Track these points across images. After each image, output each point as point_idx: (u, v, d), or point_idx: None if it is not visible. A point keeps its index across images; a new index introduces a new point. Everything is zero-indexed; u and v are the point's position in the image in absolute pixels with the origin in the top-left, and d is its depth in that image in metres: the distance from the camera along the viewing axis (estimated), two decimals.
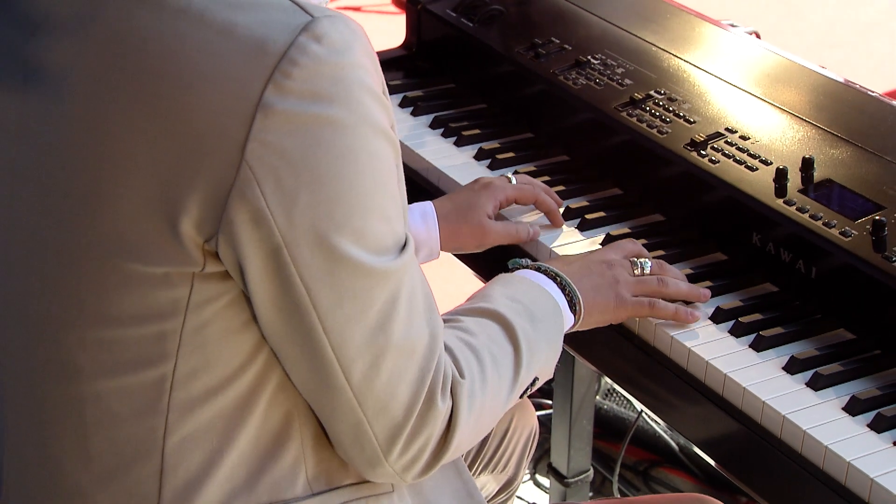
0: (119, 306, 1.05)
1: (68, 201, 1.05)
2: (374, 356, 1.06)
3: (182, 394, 1.07)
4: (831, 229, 1.44)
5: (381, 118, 1.04)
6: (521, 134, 1.85)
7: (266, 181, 0.99)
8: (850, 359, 1.38)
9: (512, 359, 1.21)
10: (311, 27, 1.00)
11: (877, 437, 1.28)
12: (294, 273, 1.03)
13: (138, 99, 1.00)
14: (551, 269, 1.35)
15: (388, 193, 1.06)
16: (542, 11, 2.00)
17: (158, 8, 1.01)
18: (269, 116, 0.99)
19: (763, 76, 1.77)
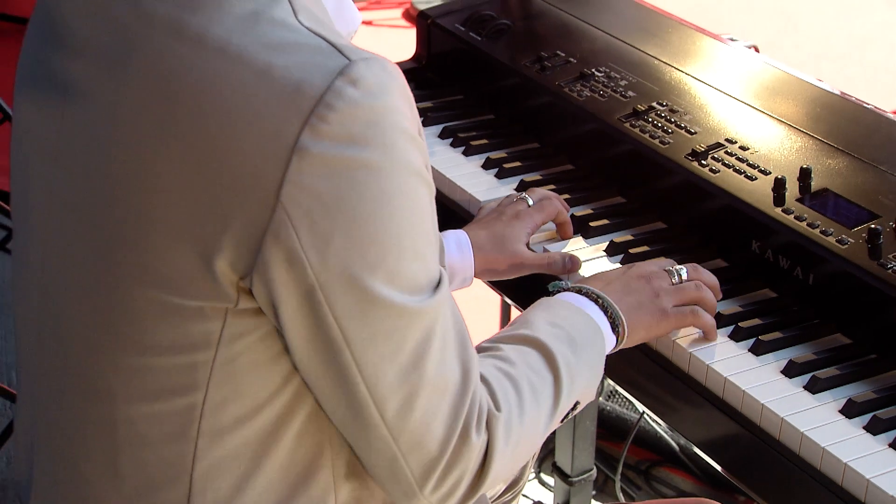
0: (153, 336, 1.04)
1: (105, 230, 1.04)
2: (408, 393, 1.05)
3: (211, 421, 1.06)
4: (828, 237, 1.44)
5: (416, 159, 1.03)
6: (527, 144, 1.85)
7: (301, 223, 0.98)
8: (847, 363, 1.38)
9: (552, 388, 1.19)
10: (348, 71, 0.98)
11: (872, 439, 1.28)
12: (328, 313, 1.01)
13: (176, 136, 0.99)
14: (593, 292, 1.32)
15: (422, 233, 1.04)
16: (548, 26, 2.00)
17: (198, 46, 1.00)
18: (305, 159, 0.97)
19: (762, 89, 1.76)
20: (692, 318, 1.38)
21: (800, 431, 1.29)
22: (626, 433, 2.18)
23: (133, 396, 1.07)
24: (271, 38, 1.00)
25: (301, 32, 1.01)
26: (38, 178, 1.12)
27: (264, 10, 1.01)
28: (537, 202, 1.59)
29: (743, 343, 1.41)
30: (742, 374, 1.37)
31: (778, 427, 1.31)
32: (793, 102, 1.72)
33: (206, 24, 1.01)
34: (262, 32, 1.00)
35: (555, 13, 2.02)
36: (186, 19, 1.01)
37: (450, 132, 1.88)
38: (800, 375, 1.36)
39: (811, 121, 1.66)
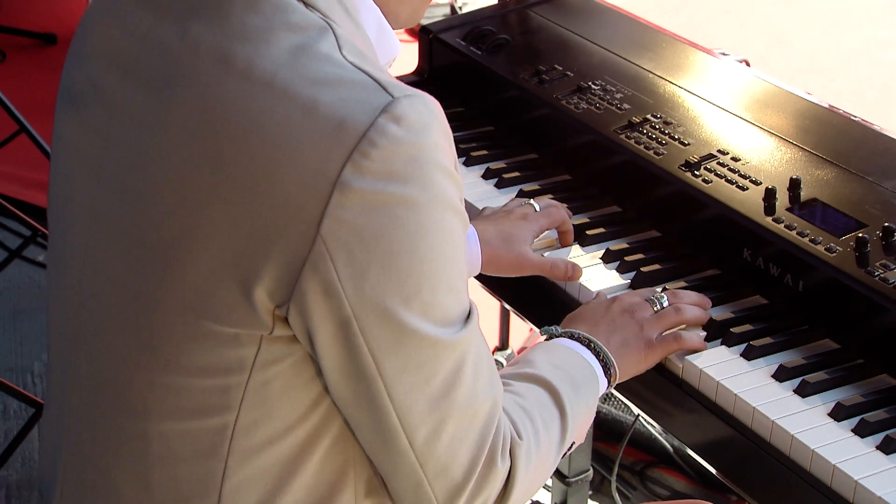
0: (189, 357, 1.04)
1: (147, 251, 1.04)
2: (438, 421, 1.04)
3: (242, 441, 1.06)
4: (817, 245, 1.44)
5: (453, 194, 1.02)
6: (525, 154, 1.84)
7: (339, 256, 0.97)
8: (835, 367, 1.37)
9: (559, 423, 1.19)
10: (391, 108, 0.97)
11: (860, 442, 1.28)
12: (362, 343, 1.00)
13: (221, 168, 0.99)
14: (585, 337, 1.31)
15: (456, 267, 1.03)
16: (546, 40, 2.00)
17: (245, 79, 0.99)
18: (346, 194, 0.96)
19: (753, 101, 1.76)
20: (676, 345, 1.38)
21: (790, 434, 1.28)
22: (621, 435, 2.18)
23: (166, 413, 1.06)
24: (317, 73, 0.98)
25: (346, 67, 0.99)
26: (81, 194, 1.11)
27: (310, 44, 1.00)
28: (544, 208, 1.59)
29: (735, 348, 1.41)
30: (734, 379, 1.36)
31: (769, 430, 1.31)
32: (783, 115, 1.72)
33: (253, 57, 1.00)
34: (308, 67, 0.99)
35: (552, 28, 2.02)
36: (234, 50, 1.00)
37: None
38: (790, 380, 1.36)
39: (800, 133, 1.66)
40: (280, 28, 1.01)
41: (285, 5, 1.02)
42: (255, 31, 1.01)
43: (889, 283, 1.37)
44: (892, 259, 1.41)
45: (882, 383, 1.36)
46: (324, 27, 1.02)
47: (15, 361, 2.86)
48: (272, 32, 1.01)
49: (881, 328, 1.37)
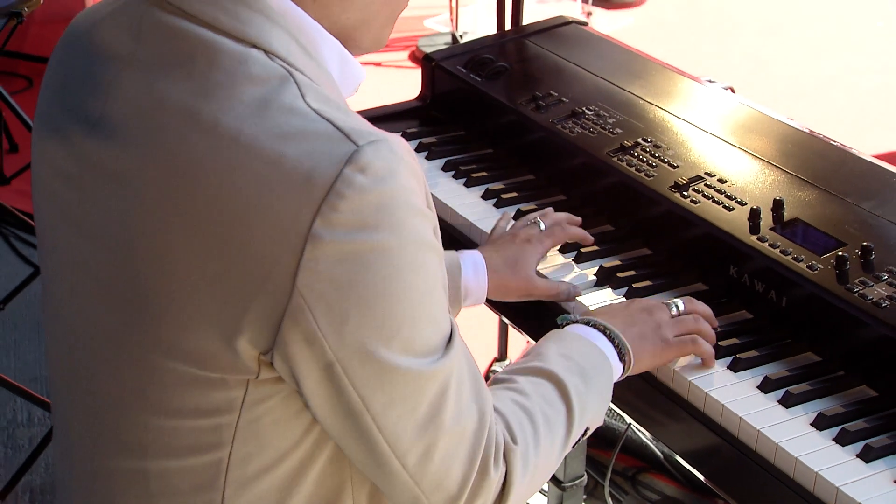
0: (179, 401, 1.02)
1: (129, 303, 1.01)
2: (428, 444, 1.02)
3: (237, 473, 1.04)
4: (800, 263, 1.43)
5: (425, 232, 0.99)
6: (523, 176, 1.84)
7: (317, 306, 0.95)
8: (818, 379, 1.37)
9: (565, 417, 1.17)
10: (356, 158, 0.94)
11: (841, 450, 1.27)
12: (347, 384, 0.98)
13: (194, 224, 0.96)
14: (600, 323, 1.30)
15: (434, 300, 1.01)
16: (542, 68, 2.00)
17: (212, 135, 0.96)
18: (318, 247, 0.93)
19: (738, 126, 1.76)
20: (692, 347, 1.36)
21: (774, 443, 1.28)
22: (614, 442, 2.17)
23: (162, 453, 1.05)
24: (281, 127, 0.95)
25: (309, 117, 0.96)
26: (64, 244, 1.08)
27: (273, 97, 0.96)
28: (548, 227, 1.57)
29: (722, 360, 1.40)
30: (721, 390, 1.36)
31: (754, 439, 1.30)
32: (766, 139, 1.71)
33: (218, 113, 0.96)
34: (272, 120, 0.95)
35: (548, 57, 2.02)
36: (199, 107, 0.97)
37: (452, 165, 1.87)
38: (774, 391, 1.35)
39: (783, 156, 1.66)
40: (242, 82, 0.97)
41: (245, 57, 0.98)
42: (218, 87, 0.97)
43: (868, 299, 1.37)
44: (871, 276, 1.40)
45: (862, 394, 1.35)
46: (285, 76, 0.98)
47: (39, 371, 2.86)
48: (235, 87, 0.97)
49: (860, 342, 1.37)
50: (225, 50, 0.98)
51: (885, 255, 1.43)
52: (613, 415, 2.33)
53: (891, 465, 1.25)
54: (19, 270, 3.19)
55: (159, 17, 1.01)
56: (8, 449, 2.62)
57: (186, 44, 0.99)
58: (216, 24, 0.99)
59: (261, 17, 1.00)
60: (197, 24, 0.99)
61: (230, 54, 0.98)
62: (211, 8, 1.00)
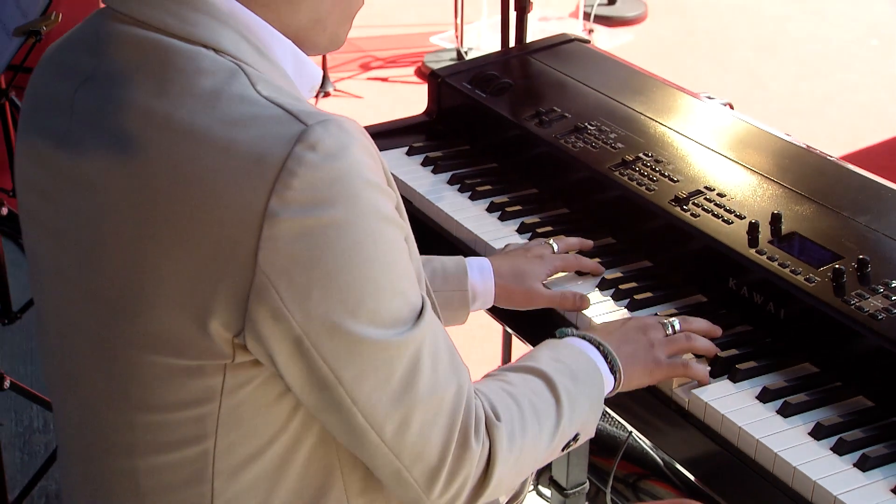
0: (160, 395, 1.02)
1: (106, 303, 1.03)
2: (403, 415, 1.02)
3: (224, 463, 1.04)
4: (797, 276, 1.43)
5: (383, 205, 1.00)
6: (527, 190, 1.84)
7: (280, 282, 0.96)
8: (815, 389, 1.36)
9: (554, 409, 1.17)
10: (305, 136, 0.95)
11: (839, 459, 1.26)
12: (317, 357, 0.99)
13: (158, 217, 0.97)
14: (595, 338, 1.30)
15: (398, 271, 1.01)
16: (546, 84, 1.99)
17: (166, 130, 0.98)
18: (276, 225, 0.94)
19: (736, 142, 1.76)
20: (683, 370, 1.36)
21: (773, 452, 1.27)
22: (616, 449, 2.16)
23: (150, 449, 1.05)
24: (231, 115, 0.96)
25: (259, 103, 0.97)
26: (46, 255, 1.10)
27: (223, 87, 0.98)
28: (561, 250, 1.57)
29: (721, 371, 1.39)
30: (721, 400, 1.35)
31: (754, 448, 1.29)
32: (764, 154, 1.71)
33: (171, 109, 0.98)
34: (223, 110, 0.97)
35: (552, 73, 2.01)
36: (154, 105, 0.99)
37: (458, 179, 1.87)
38: (773, 401, 1.34)
39: (780, 171, 1.65)
40: (192, 77, 0.99)
41: (195, 54, 1.00)
42: (170, 84, 0.99)
43: (864, 311, 1.36)
44: (867, 289, 1.39)
45: (858, 404, 1.34)
46: (234, 69, 1.00)
47: None
48: (186, 83, 0.98)
49: (857, 353, 1.36)
50: (175, 50, 1.00)
51: (880, 269, 1.42)
52: (615, 423, 2.33)
53: (887, 475, 1.24)
54: None
55: (113, 28, 1.04)
56: (24, 455, 2.62)
57: (141, 50, 1.01)
58: (166, 28, 1.01)
59: (207, 17, 1.02)
60: (148, 30, 1.02)
61: (181, 54, 1.00)
62: (159, 12, 1.02)
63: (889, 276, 1.41)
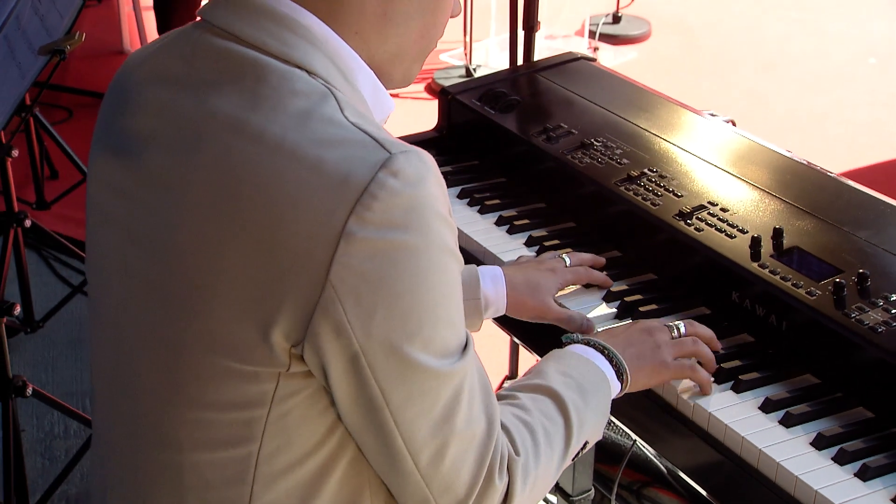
0: (214, 394, 1.02)
1: (174, 300, 1.03)
2: (440, 444, 1.03)
3: (266, 468, 1.04)
4: (799, 289, 1.42)
5: (448, 238, 1.01)
6: (534, 204, 1.83)
7: (347, 299, 0.96)
8: (816, 400, 1.35)
9: (563, 431, 1.17)
10: (389, 163, 0.97)
11: (840, 469, 1.25)
12: (370, 376, 0.99)
13: (239, 223, 0.98)
14: (599, 343, 1.30)
15: (453, 303, 1.02)
16: (553, 101, 1.99)
17: (258, 142, 0.98)
18: (351, 243, 0.95)
19: (739, 158, 1.75)
20: (689, 372, 1.35)
21: (775, 461, 1.26)
22: (620, 457, 2.15)
23: (197, 445, 1.05)
24: (321, 135, 0.98)
25: (347, 128, 0.99)
26: (114, 251, 1.10)
27: (315, 109, 1.00)
28: (574, 264, 1.56)
29: (725, 382, 1.38)
30: (724, 410, 1.34)
31: (756, 457, 1.28)
32: (766, 170, 1.70)
33: (264, 123, 0.99)
34: (313, 129, 0.98)
35: (559, 90, 2.01)
36: (247, 118, 1.00)
37: (467, 193, 1.87)
38: (775, 411, 1.33)
39: (782, 186, 1.65)
40: (287, 95, 1.00)
41: (290, 75, 1.02)
42: (265, 100, 1.00)
43: (864, 324, 1.35)
44: (867, 302, 1.39)
45: (859, 415, 1.33)
46: (325, 93, 1.01)
47: (75, 386, 2.86)
48: (280, 100, 1.00)
49: (857, 365, 1.35)
50: (272, 68, 1.02)
51: (880, 282, 1.41)
52: (620, 431, 2.31)
53: (887, 484, 1.24)
54: (57, 290, 3.19)
55: (211, 41, 1.05)
56: (45, 460, 2.61)
57: (236, 63, 1.03)
58: (264, 46, 1.03)
59: (304, 42, 1.04)
60: (246, 47, 1.03)
61: (276, 72, 1.02)
62: (259, 32, 1.03)
63: (888, 289, 1.40)
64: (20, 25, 2.21)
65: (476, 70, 4.67)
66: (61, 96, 4.24)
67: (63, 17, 2.12)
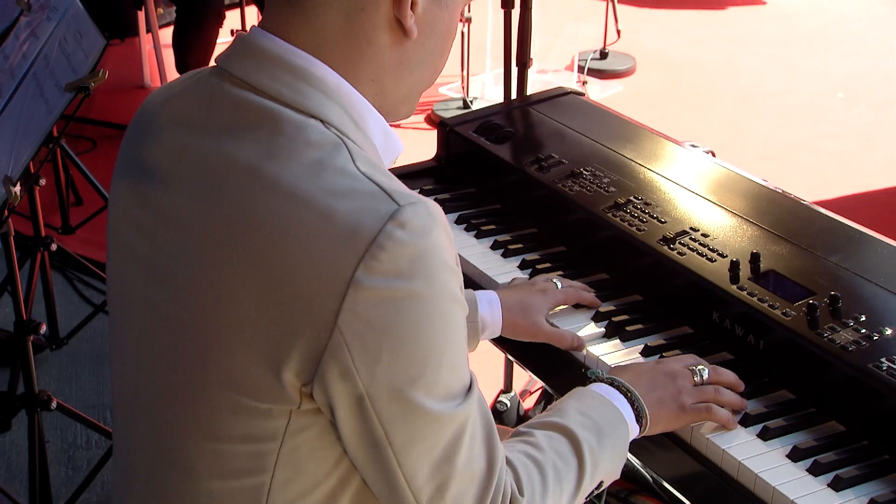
0: (230, 428, 1.01)
1: (192, 337, 1.01)
2: (440, 483, 1.01)
3: (278, 497, 1.03)
4: (775, 310, 1.42)
5: (454, 286, 0.99)
6: (527, 229, 1.83)
7: (354, 344, 0.95)
8: (792, 415, 1.34)
9: (576, 471, 1.14)
10: (397, 215, 0.95)
11: (814, 480, 1.25)
12: (374, 417, 0.98)
13: (252, 267, 0.97)
14: (624, 385, 1.26)
15: (457, 349, 1.01)
16: (545, 133, 1.99)
17: (272, 190, 0.97)
18: (360, 291, 0.94)
19: (718, 186, 1.75)
20: (706, 415, 1.30)
21: (754, 473, 1.25)
22: None
23: (212, 475, 1.04)
24: (333, 186, 0.96)
25: (358, 179, 0.97)
26: (135, 286, 1.08)
27: (327, 160, 0.98)
28: (565, 287, 1.56)
29: None
30: (706, 424, 1.33)
31: (736, 469, 1.27)
32: (743, 198, 1.70)
33: (279, 172, 0.97)
34: (326, 180, 0.97)
35: (550, 123, 2.01)
36: (263, 166, 0.98)
37: (464, 219, 1.86)
38: (754, 425, 1.33)
39: (758, 213, 1.65)
40: (301, 146, 0.99)
41: (304, 125, 1.00)
42: (280, 150, 0.99)
43: (836, 343, 1.35)
44: (839, 323, 1.38)
45: (832, 429, 1.33)
46: (338, 143, 1.00)
47: (97, 399, 2.84)
48: (294, 150, 0.98)
49: (830, 382, 1.34)
50: (287, 118, 1.00)
51: (851, 304, 1.41)
52: None
53: (859, 494, 1.23)
54: (81, 309, 3.18)
55: (229, 90, 1.04)
56: (69, 469, 2.60)
57: (254, 113, 1.01)
58: (280, 97, 1.01)
59: (318, 93, 1.02)
60: (263, 97, 1.02)
61: (292, 122, 1.00)
62: (275, 83, 1.02)
63: (858, 310, 1.40)
64: (48, 64, 2.21)
65: (473, 102, 4.68)
66: (86, 128, 4.24)
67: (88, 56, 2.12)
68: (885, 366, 1.30)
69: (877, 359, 1.31)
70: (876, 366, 1.30)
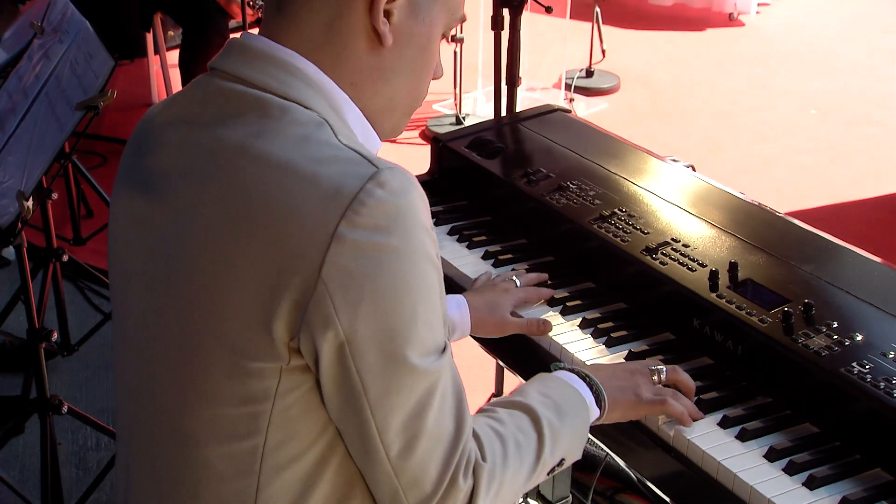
0: (226, 390, 1.02)
1: (191, 305, 1.03)
2: (410, 438, 1.02)
3: (271, 460, 1.04)
4: (752, 317, 1.42)
5: (429, 247, 1.02)
6: (517, 240, 1.83)
7: (336, 293, 0.97)
8: (769, 417, 1.34)
9: (535, 445, 1.15)
10: (377, 176, 0.98)
11: (789, 479, 1.24)
12: (353, 367, 0.99)
13: (245, 232, 0.99)
14: (583, 371, 1.28)
15: (431, 307, 1.02)
16: (534, 149, 1.99)
17: (261, 163, 1.01)
18: (341, 244, 0.96)
19: (698, 199, 1.75)
20: (661, 407, 1.32)
21: (732, 472, 1.25)
22: (595, 466, 2.13)
23: (210, 440, 1.05)
24: (317, 154, 1.00)
25: (340, 148, 1.01)
26: (136, 271, 1.10)
27: (311, 134, 1.02)
28: (524, 286, 1.59)
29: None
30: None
31: (716, 469, 1.27)
32: (722, 210, 1.70)
33: (267, 147, 1.01)
34: (310, 150, 1.01)
35: (539, 139, 2.01)
36: (251, 143, 1.02)
37: (456, 230, 1.86)
38: (732, 427, 1.33)
39: (736, 225, 1.65)
40: (286, 125, 1.03)
41: (289, 108, 1.04)
42: (267, 129, 1.03)
43: (809, 348, 1.35)
44: (812, 329, 1.38)
45: (806, 430, 1.33)
46: (321, 122, 1.04)
47: (106, 404, 2.83)
48: (281, 129, 1.03)
49: (804, 385, 1.35)
50: (274, 104, 1.04)
51: (824, 311, 1.41)
52: (594, 443, 2.30)
53: (832, 492, 1.23)
54: (91, 318, 3.17)
55: (220, 84, 1.08)
56: (79, 471, 2.59)
57: (242, 101, 1.05)
58: (266, 86, 1.05)
59: (301, 83, 1.06)
60: (250, 87, 1.06)
61: (277, 106, 1.04)
62: (261, 75, 1.06)
63: (831, 317, 1.40)
64: (60, 84, 2.21)
65: (465, 118, 4.68)
66: (96, 144, 4.24)
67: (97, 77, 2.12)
68: (857, 370, 1.30)
69: (848, 363, 1.31)
70: (847, 370, 1.30)
